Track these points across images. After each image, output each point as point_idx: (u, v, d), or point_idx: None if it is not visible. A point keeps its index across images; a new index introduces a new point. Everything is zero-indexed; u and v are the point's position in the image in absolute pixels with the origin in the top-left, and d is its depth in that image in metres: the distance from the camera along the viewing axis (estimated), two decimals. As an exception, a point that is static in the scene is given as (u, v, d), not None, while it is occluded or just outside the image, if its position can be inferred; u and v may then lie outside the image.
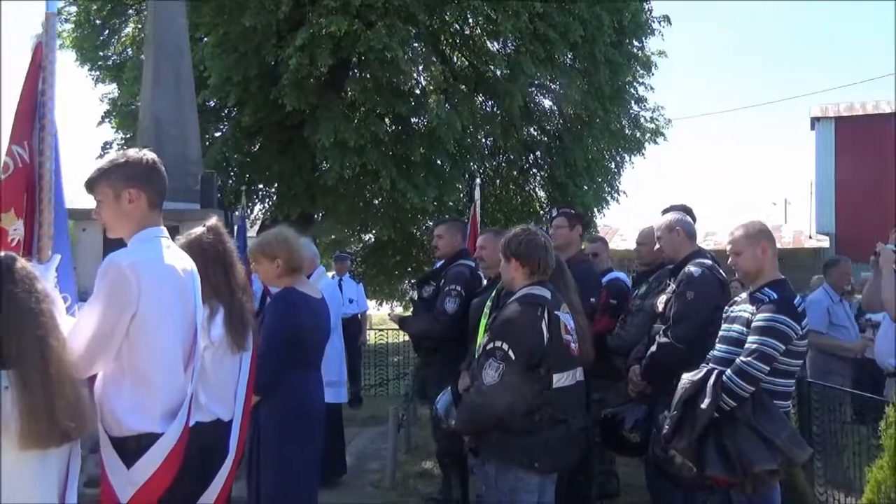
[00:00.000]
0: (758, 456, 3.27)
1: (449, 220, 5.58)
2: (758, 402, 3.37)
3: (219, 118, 14.83)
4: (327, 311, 3.78)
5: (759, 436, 3.30)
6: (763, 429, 3.30)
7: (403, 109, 12.87)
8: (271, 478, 3.42)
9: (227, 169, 13.94)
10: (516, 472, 3.16)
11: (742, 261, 3.66)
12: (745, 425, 3.33)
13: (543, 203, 16.65)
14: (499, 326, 3.20)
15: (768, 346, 3.35)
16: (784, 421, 3.39)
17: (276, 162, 13.58)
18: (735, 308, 3.71)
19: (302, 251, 3.71)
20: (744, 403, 3.34)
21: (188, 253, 2.77)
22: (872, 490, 3.21)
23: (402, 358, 12.32)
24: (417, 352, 5.52)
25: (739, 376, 3.33)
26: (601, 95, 14.59)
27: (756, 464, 3.24)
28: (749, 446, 3.29)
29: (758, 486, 3.32)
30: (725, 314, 3.77)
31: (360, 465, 6.71)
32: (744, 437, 3.31)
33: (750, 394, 3.34)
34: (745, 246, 3.65)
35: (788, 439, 3.30)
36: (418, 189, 12.90)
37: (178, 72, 7.32)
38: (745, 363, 3.35)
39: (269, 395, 3.37)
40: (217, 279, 2.95)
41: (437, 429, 5.02)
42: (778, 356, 3.38)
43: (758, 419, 3.32)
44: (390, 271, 19.12)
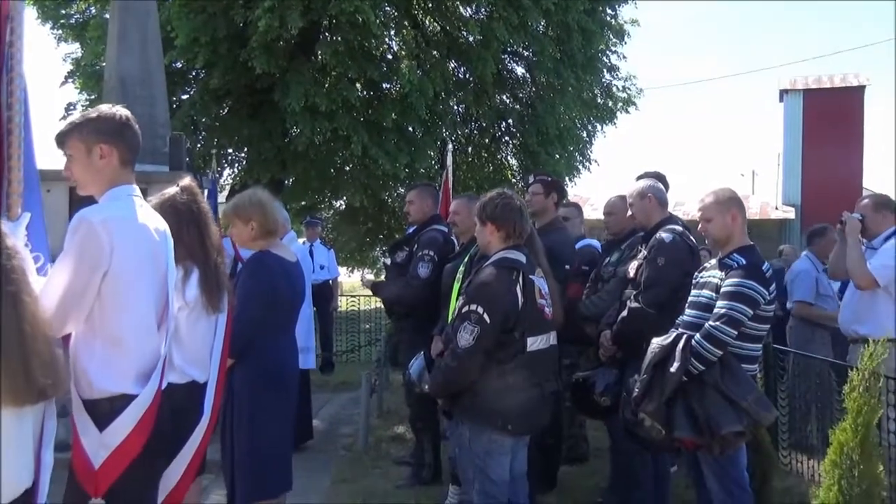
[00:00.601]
0: (725, 418, 3.33)
1: (419, 186, 5.57)
2: (725, 366, 3.42)
3: (186, 80, 14.53)
4: (302, 275, 3.77)
5: (727, 398, 3.36)
6: (730, 391, 3.36)
7: (375, 74, 12.72)
8: (244, 440, 3.42)
9: (195, 132, 13.73)
10: (490, 433, 3.20)
11: (712, 227, 3.69)
12: (713, 388, 3.38)
13: (515, 171, 16.67)
14: (474, 290, 3.21)
15: (736, 311, 3.40)
16: (751, 384, 3.45)
17: (245, 126, 13.39)
18: (704, 274, 3.75)
19: (277, 214, 3.68)
20: (712, 367, 3.39)
21: (161, 213, 2.73)
22: (835, 451, 3.30)
23: (373, 325, 12.35)
24: (390, 317, 5.53)
25: (708, 340, 3.38)
26: (574, 64, 14.56)
27: (723, 426, 3.31)
28: (716, 409, 3.35)
29: (725, 448, 3.39)
30: (695, 280, 3.81)
31: (332, 430, 6.75)
32: (711, 399, 3.37)
33: (718, 357, 3.40)
34: (715, 213, 3.68)
35: (755, 402, 3.36)
36: (390, 155, 12.82)
37: (145, 30, 7.14)
38: (713, 327, 3.40)
39: (244, 358, 3.36)
40: (191, 239, 2.92)
41: (409, 393, 5.06)
42: (746, 321, 3.43)
43: (725, 382, 3.38)
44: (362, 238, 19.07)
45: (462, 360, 3.13)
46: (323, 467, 5.56)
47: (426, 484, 5.09)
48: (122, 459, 2.42)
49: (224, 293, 3.00)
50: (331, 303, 9.72)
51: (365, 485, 5.13)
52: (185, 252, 2.90)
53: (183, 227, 2.92)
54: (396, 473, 5.37)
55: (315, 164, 14.17)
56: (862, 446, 3.18)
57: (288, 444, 3.66)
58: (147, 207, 2.63)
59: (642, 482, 4.36)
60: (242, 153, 15.44)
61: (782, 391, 5.30)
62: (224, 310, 3.01)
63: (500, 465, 3.24)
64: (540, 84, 15.30)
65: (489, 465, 3.22)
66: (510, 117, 15.73)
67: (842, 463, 3.21)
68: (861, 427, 3.19)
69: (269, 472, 3.46)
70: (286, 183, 14.94)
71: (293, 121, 12.25)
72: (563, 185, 5.37)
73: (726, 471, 3.55)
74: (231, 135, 13.97)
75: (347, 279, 21.69)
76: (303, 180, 14.56)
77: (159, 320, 2.57)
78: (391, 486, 5.10)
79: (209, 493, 4.83)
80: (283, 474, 3.57)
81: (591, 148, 17.37)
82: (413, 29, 13.90)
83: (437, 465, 5.19)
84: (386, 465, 5.58)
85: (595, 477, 5.30)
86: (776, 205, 22.89)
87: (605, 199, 5.18)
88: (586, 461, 5.63)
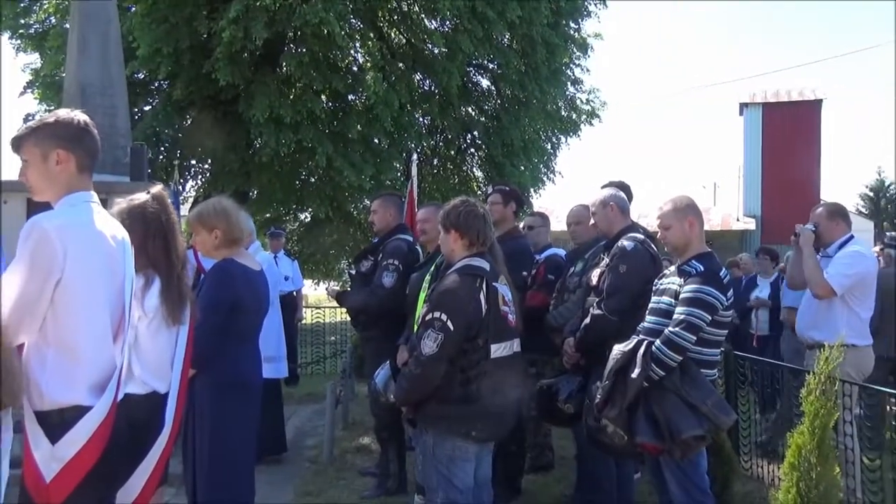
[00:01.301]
0: (685, 422, 3.36)
1: (383, 195, 5.56)
2: (685, 371, 3.46)
3: (149, 91, 14.39)
4: (266, 284, 3.73)
5: (686, 403, 3.39)
6: (690, 396, 3.39)
7: (340, 86, 12.72)
8: (206, 453, 3.36)
9: (157, 143, 13.58)
10: (454, 441, 3.19)
11: (671, 234, 3.74)
12: (673, 393, 3.41)
13: (481, 182, 16.74)
14: (437, 297, 3.21)
15: (695, 317, 3.44)
16: (710, 388, 3.49)
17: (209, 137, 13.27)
18: (664, 281, 3.79)
19: (242, 222, 3.64)
20: (672, 372, 3.43)
21: (129, 219, 2.69)
22: (793, 454, 3.33)
23: (338, 337, 12.27)
24: (355, 327, 5.50)
25: (668, 346, 3.42)
26: (538, 76, 14.70)
27: (683, 430, 3.34)
28: (677, 413, 3.38)
29: (685, 452, 3.42)
30: (655, 287, 3.85)
31: (297, 442, 6.67)
32: (672, 404, 3.40)
33: (678, 363, 3.43)
34: (673, 220, 3.73)
35: (714, 406, 3.40)
36: (355, 167, 12.81)
37: (106, 39, 7.05)
38: (673, 333, 3.44)
39: (206, 368, 3.31)
40: (156, 249, 2.89)
41: (375, 403, 5.02)
42: (704, 326, 3.47)
43: (685, 387, 3.41)
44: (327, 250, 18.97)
45: (426, 368, 3.12)
46: (287, 480, 5.49)
47: (392, 494, 5.05)
48: (76, 473, 2.36)
49: (186, 305, 2.96)
50: (295, 314, 9.64)
51: (329, 496, 5.08)
52: (148, 261, 2.86)
53: (149, 236, 2.88)
54: (362, 484, 5.33)
55: (280, 176, 14.10)
56: (819, 449, 3.21)
57: (250, 455, 3.60)
58: (105, 214, 2.58)
59: (606, 489, 4.38)
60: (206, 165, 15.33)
61: (742, 396, 5.37)
62: (186, 322, 2.96)
63: (464, 472, 3.23)
64: (505, 96, 15.43)
65: (453, 472, 3.21)
66: (475, 129, 15.82)
67: (800, 465, 3.24)
68: (818, 430, 3.22)
69: (231, 483, 3.40)
70: (250, 195, 14.82)
71: (258, 132, 12.20)
72: (521, 195, 5.40)
73: (688, 475, 3.58)
74: (194, 146, 13.85)
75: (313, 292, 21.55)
76: (267, 192, 14.48)
77: (115, 330, 2.52)
78: (356, 498, 5.06)
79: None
80: (245, 485, 3.51)
81: (556, 160, 17.56)
82: (378, 41, 13.94)
83: (403, 475, 5.16)
84: (351, 477, 5.53)
85: (560, 485, 5.31)
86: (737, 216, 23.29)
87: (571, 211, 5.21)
88: (551, 469, 5.64)
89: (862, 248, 4.80)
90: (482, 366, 3.18)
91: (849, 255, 4.69)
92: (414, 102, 14.19)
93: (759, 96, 23.41)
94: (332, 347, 11.57)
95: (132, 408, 2.70)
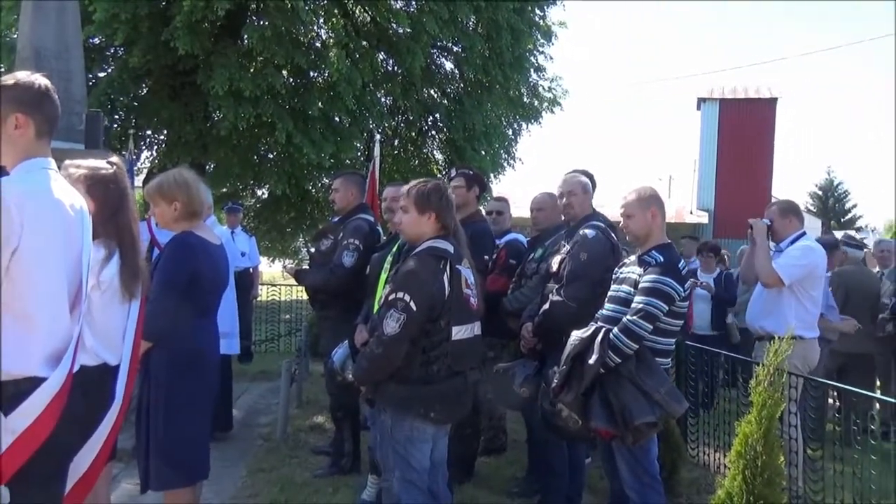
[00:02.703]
0: (639, 409, 3.43)
1: (344, 174, 5.51)
2: (641, 359, 3.53)
3: (105, 57, 14.01)
4: (226, 258, 3.67)
5: (640, 390, 3.46)
6: (644, 384, 3.46)
7: (302, 61, 12.56)
8: (160, 426, 3.31)
9: (111, 111, 13.25)
10: (412, 421, 3.20)
11: (633, 223, 3.79)
12: (628, 380, 3.48)
13: (441, 165, 16.73)
14: (401, 278, 3.20)
15: (652, 306, 3.52)
16: (664, 377, 3.57)
17: (165, 108, 13.01)
18: (624, 270, 3.85)
19: (202, 195, 3.56)
20: (628, 360, 3.50)
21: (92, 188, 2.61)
22: (740, 442, 3.42)
23: (293, 315, 12.19)
24: (313, 305, 5.46)
25: (625, 334, 3.49)
26: (502, 61, 14.73)
27: (637, 416, 3.41)
28: (631, 400, 3.45)
29: (637, 438, 3.50)
30: (614, 275, 3.91)
31: (249, 420, 6.63)
32: (626, 391, 3.47)
33: (634, 351, 3.50)
34: (637, 209, 3.78)
35: (667, 394, 3.47)
36: (315, 144, 12.69)
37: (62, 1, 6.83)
38: (630, 321, 3.50)
39: (163, 341, 3.26)
40: (121, 221, 2.82)
41: (331, 382, 5.01)
42: (661, 316, 3.55)
43: (640, 375, 3.48)
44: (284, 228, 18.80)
45: (387, 347, 3.12)
46: (239, 457, 5.46)
47: (345, 473, 5.06)
48: (29, 445, 2.30)
49: (139, 281, 2.90)
50: (251, 291, 9.54)
51: (282, 474, 5.06)
52: (112, 232, 2.80)
53: (109, 205, 2.81)
54: (315, 463, 5.33)
55: (238, 151, 13.90)
56: (765, 438, 3.29)
57: (205, 432, 3.56)
58: (63, 182, 2.51)
59: (558, 472, 4.46)
60: (162, 135, 15.01)
61: (692, 385, 5.50)
62: (138, 297, 2.91)
63: (420, 453, 3.24)
64: (468, 80, 15.42)
65: (410, 452, 3.22)
66: (437, 111, 15.78)
67: (746, 454, 3.33)
68: (765, 420, 3.31)
69: (185, 459, 3.36)
70: (207, 168, 14.58)
71: (216, 105, 11.99)
72: (484, 179, 5.40)
73: (639, 461, 3.66)
74: (150, 116, 13.55)
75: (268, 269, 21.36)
76: (224, 166, 14.26)
77: (72, 301, 2.46)
78: (309, 476, 5.05)
79: (119, 482, 4.68)
80: (199, 462, 3.47)
81: (517, 146, 17.63)
82: (343, 17, 13.78)
83: (357, 454, 5.17)
84: (304, 455, 5.52)
85: (512, 467, 5.39)
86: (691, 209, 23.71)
87: (529, 197, 5.24)
88: (504, 452, 5.72)
89: (812, 243, 4.96)
90: (443, 347, 3.19)
91: (799, 248, 4.84)
92: (377, 82, 14.09)
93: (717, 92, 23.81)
94: (287, 326, 11.50)
95: (85, 379, 2.64)
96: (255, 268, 9.99)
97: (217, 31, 12.78)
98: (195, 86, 12.32)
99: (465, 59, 14.65)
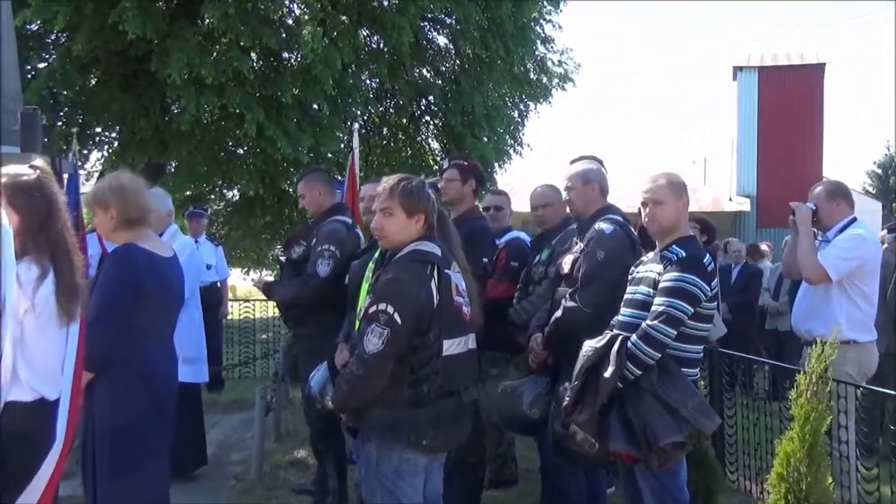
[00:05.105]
0: (664, 427, 3.43)
1: (307, 173, 5.51)
2: (664, 370, 3.53)
3: (43, 46, 14.05)
4: (179, 272, 3.69)
5: (665, 405, 3.46)
6: (669, 398, 3.46)
7: (272, 42, 12.56)
8: (107, 471, 3.31)
9: (54, 107, 13.29)
10: (401, 451, 3.21)
11: (662, 212, 3.73)
12: (650, 394, 3.48)
13: (437, 155, 16.75)
14: (383, 287, 3.22)
15: (675, 309, 3.51)
16: (691, 389, 3.57)
17: (116, 100, 13.04)
18: (641, 269, 3.85)
19: (141, 200, 3.57)
20: (649, 371, 3.50)
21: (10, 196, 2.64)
22: (781, 463, 3.44)
23: (271, 335, 12.22)
24: (286, 322, 5.49)
25: (645, 342, 3.48)
26: (503, 33, 14.72)
27: (662, 436, 3.40)
28: (654, 417, 3.44)
29: (664, 461, 3.49)
30: (631, 276, 3.91)
31: (220, 457, 6.66)
32: (649, 407, 3.46)
33: (656, 360, 3.50)
34: (669, 195, 3.74)
35: (696, 409, 3.47)
36: (290, 137, 12.71)
37: (-13, -18, 6.86)
38: (651, 327, 3.50)
39: (106, 370, 3.27)
40: (47, 231, 2.85)
41: (310, 410, 5.03)
42: (686, 319, 3.55)
43: (663, 387, 3.48)
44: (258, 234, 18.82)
45: (369, 367, 3.14)
46: (210, 499, 5.48)
47: (330, 514, 5.08)
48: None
49: (78, 299, 2.92)
50: (219, 309, 9.57)
51: (259, 518, 5.09)
52: (44, 248, 2.83)
53: (34, 217, 2.84)
54: (296, 503, 5.35)
55: (202, 147, 13.92)
56: (809, 457, 3.32)
57: (162, 474, 3.57)
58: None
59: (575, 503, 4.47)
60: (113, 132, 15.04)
61: (728, 399, 5.51)
62: (77, 318, 2.93)
63: (412, 488, 3.25)
64: (465, 56, 15.41)
65: (400, 487, 3.23)
66: (431, 94, 15.79)
67: (788, 476, 3.35)
68: (808, 436, 3.33)
69: None
70: (167, 168, 14.61)
71: (174, 95, 12.02)
72: (481, 171, 5.38)
73: (665, 487, 3.67)
74: (99, 110, 13.57)
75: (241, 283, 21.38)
76: (187, 165, 14.27)
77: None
78: (290, 519, 5.08)
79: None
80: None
81: (523, 130, 17.62)
82: (318, -11, 13.80)
83: (343, 492, 5.18)
84: (284, 495, 5.54)
85: (525, 500, 5.40)
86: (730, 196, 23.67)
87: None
88: (515, 484, 5.73)
89: (864, 231, 4.88)
90: (433, 364, 3.20)
91: (848, 238, 4.77)
92: (359, 62, 14.11)
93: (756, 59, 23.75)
94: (263, 347, 11.52)
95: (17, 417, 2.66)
96: (223, 281, 10.02)
97: (172, 10, 12.83)
98: (149, 74, 12.34)
99: (460, 33, 14.65)
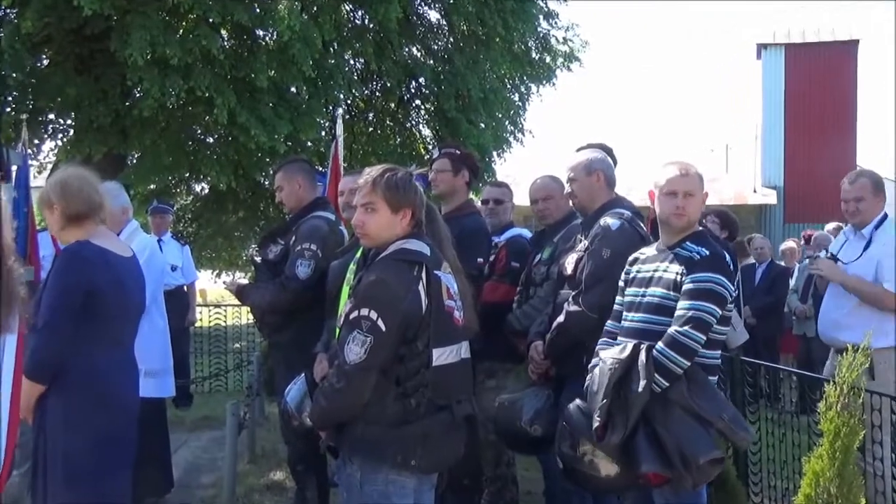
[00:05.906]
0: (700, 444, 3.39)
1: (285, 164, 5.51)
2: (692, 379, 3.50)
3: (-11, 24, 14.02)
4: (139, 272, 3.68)
5: (698, 418, 3.43)
6: (701, 409, 3.43)
7: (244, 18, 12.52)
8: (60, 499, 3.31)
9: (2, 92, 13.25)
10: (387, 472, 3.20)
11: (693, 205, 3.74)
12: (680, 407, 3.45)
13: (429, 143, 16.74)
14: (365, 290, 3.21)
15: (705, 312, 3.50)
16: (723, 399, 3.56)
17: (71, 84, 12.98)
18: (644, 267, 3.83)
19: (88, 193, 3.56)
20: (677, 381, 3.47)
21: None
22: (809, 483, 3.44)
23: (244, 344, 12.22)
24: (261, 330, 5.48)
25: (674, 349, 3.45)
26: (501, 8, 14.71)
27: (701, 453, 3.36)
28: (688, 433, 3.41)
29: (700, 480, 3.45)
30: (628, 275, 3.91)
31: (188, 480, 6.65)
32: (680, 421, 3.43)
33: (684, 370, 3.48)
34: (698, 188, 3.76)
35: (731, 420, 3.45)
36: (266, 124, 12.68)
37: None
38: (679, 333, 3.47)
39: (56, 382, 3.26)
40: None
41: (287, 427, 5.02)
42: (714, 323, 3.54)
43: (694, 399, 3.45)
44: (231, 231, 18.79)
45: (351, 380, 3.13)
46: (175, 528, 5.49)
47: (311, 543, 5.08)
48: None
49: (14, 308, 2.91)
50: (186, 315, 9.55)
51: (231, 548, 5.09)
52: None
53: None
54: (272, 532, 5.36)
55: (166, 136, 13.90)
56: (840, 476, 3.32)
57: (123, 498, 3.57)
58: None
59: (582, 530, 4.47)
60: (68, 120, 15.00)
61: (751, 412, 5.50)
62: (14, 329, 2.92)
63: (399, 513, 3.26)
64: (459, 32, 15.41)
65: (386, 513, 3.23)
66: (422, 75, 15.77)
67: (817, 497, 3.35)
68: (839, 453, 3.33)
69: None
70: (129, 159, 14.57)
71: (136, 78, 11.96)
72: (476, 161, 5.36)
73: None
74: (52, 95, 13.52)
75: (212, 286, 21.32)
76: (151, 156, 14.25)
77: None
78: (265, 549, 5.08)
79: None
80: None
81: (524, 115, 17.60)
82: (295, -41, 13.78)
83: (325, 517, 5.19)
84: (259, 523, 5.55)
85: (526, 527, 5.40)
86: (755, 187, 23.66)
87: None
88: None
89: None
90: (422, 376, 3.20)
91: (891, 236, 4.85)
92: (342, 40, 14.09)
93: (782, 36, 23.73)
94: (236, 357, 11.51)
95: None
96: (190, 285, 10.01)
97: (133, -17, 12.79)
98: (108, 54, 12.30)
99: (453, 7, 14.63)
